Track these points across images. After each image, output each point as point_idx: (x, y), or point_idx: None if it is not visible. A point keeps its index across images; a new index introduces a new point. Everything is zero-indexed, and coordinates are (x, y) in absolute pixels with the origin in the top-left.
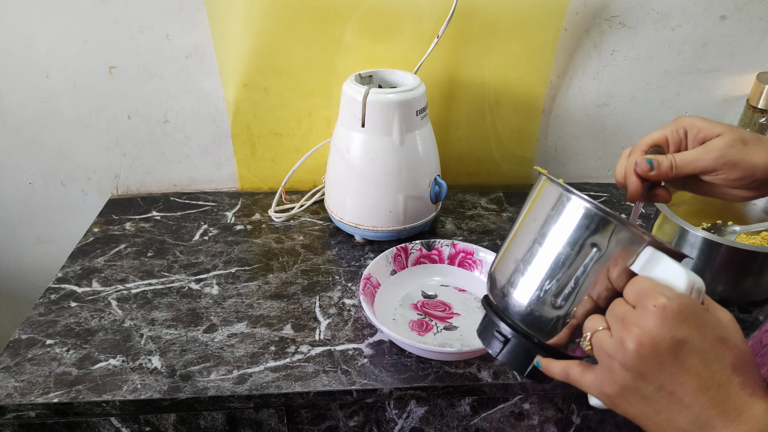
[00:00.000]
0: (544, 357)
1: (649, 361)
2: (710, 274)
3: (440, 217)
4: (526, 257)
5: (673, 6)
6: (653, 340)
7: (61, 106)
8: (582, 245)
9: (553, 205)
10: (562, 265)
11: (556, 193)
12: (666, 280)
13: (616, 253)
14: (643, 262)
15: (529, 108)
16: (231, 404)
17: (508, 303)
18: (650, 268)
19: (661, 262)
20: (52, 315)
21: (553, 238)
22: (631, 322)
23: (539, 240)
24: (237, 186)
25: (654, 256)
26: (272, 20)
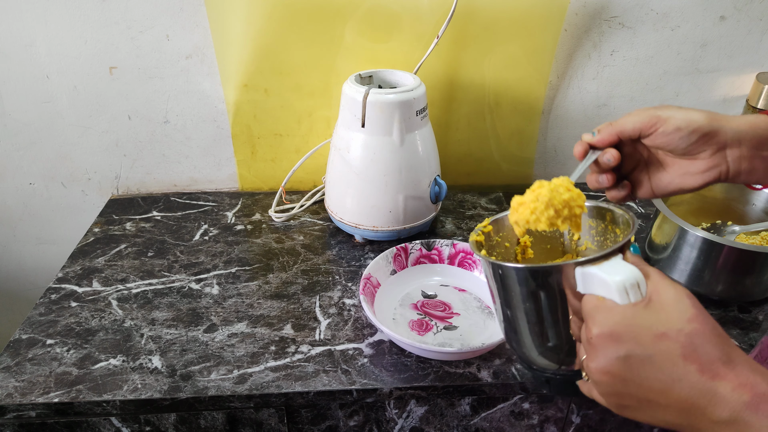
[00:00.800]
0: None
1: (615, 384)
2: (710, 274)
3: (440, 217)
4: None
5: (672, 6)
6: (605, 369)
7: (61, 107)
8: (536, 296)
9: (494, 277)
10: (534, 315)
11: (491, 267)
12: (602, 293)
13: (562, 288)
14: (581, 285)
15: (529, 109)
16: (231, 404)
17: (527, 357)
18: (589, 287)
19: (592, 277)
20: (52, 315)
21: (512, 299)
22: (586, 357)
23: (507, 306)
24: (237, 186)
25: (584, 275)
26: (272, 21)
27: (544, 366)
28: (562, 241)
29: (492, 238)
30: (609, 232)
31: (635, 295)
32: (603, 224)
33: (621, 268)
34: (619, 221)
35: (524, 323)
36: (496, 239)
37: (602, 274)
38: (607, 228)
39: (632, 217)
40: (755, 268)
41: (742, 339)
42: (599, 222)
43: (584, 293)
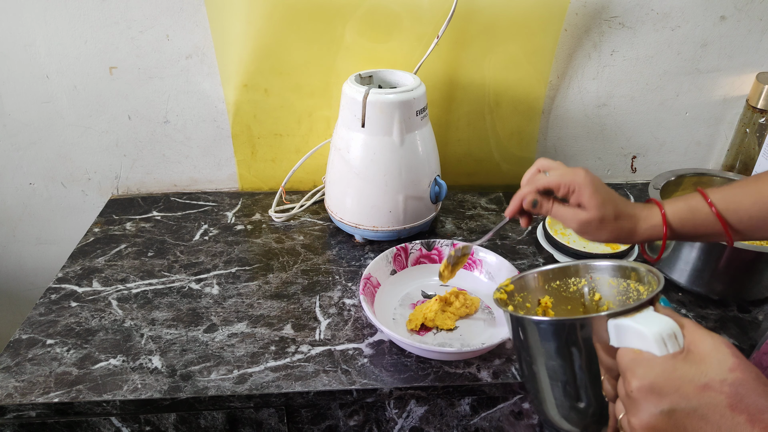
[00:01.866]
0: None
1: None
2: (710, 274)
3: (440, 217)
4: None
5: (672, 6)
6: (648, 423)
7: (61, 107)
8: (566, 352)
9: (521, 333)
10: (564, 374)
11: (517, 323)
12: (639, 345)
13: (592, 343)
14: (614, 338)
15: (529, 109)
16: (231, 404)
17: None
18: (623, 340)
19: (627, 329)
20: (52, 315)
21: (538, 356)
22: (627, 413)
23: (534, 364)
24: (237, 186)
25: (618, 327)
26: (272, 21)
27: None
28: (583, 302)
29: (514, 298)
30: (632, 290)
31: (673, 346)
32: (625, 283)
33: (656, 319)
34: (644, 279)
35: (550, 382)
36: (518, 298)
37: (637, 325)
38: (629, 287)
39: (658, 273)
40: (755, 268)
41: (742, 339)
42: (621, 281)
43: (618, 347)
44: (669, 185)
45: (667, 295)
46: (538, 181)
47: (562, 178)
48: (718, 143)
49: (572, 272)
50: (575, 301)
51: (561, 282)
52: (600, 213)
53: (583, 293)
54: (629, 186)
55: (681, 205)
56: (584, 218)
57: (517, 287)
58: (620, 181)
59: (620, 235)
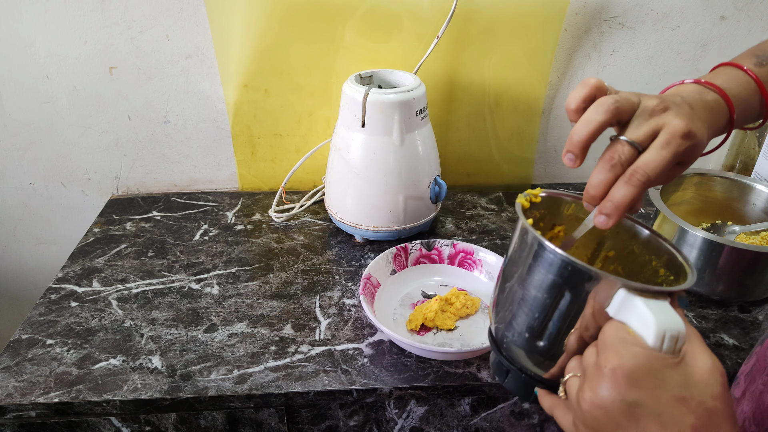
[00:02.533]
0: (542, 388)
1: (602, 423)
2: (710, 274)
3: (440, 217)
4: (510, 298)
5: (672, 6)
6: (603, 403)
7: (61, 107)
8: (557, 292)
9: (527, 251)
10: (541, 309)
11: (530, 239)
12: (637, 326)
13: (591, 297)
14: (617, 307)
15: (529, 109)
16: (231, 404)
17: (503, 339)
18: (623, 313)
19: (634, 306)
20: (52, 315)
21: (531, 283)
22: (587, 380)
23: (519, 283)
24: (237, 186)
25: (626, 300)
26: (272, 21)
27: (518, 359)
28: (593, 249)
29: (532, 212)
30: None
31: (669, 347)
32: (647, 257)
33: (668, 313)
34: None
35: (527, 311)
36: (536, 213)
37: (647, 309)
38: (650, 262)
39: (693, 269)
40: (755, 268)
41: (742, 339)
42: (645, 253)
43: (612, 317)
44: (669, 185)
45: None
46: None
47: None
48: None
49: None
50: (586, 244)
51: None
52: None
53: (601, 242)
54: None
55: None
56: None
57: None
58: None
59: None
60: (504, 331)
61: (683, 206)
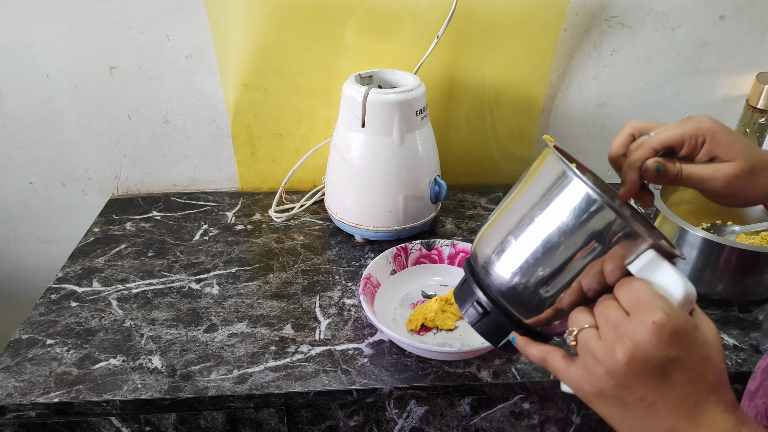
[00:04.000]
0: (520, 334)
1: (637, 375)
2: (710, 274)
3: (440, 217)
4: (516, 231)
5: (672, 6)
6: (646, 356)
7: (61, 107)
8: (579, 234)
9: (552, 183)
10: (554, 249)
11: (557, 170)
12: (662, 287)
13: (614, 248)
14: (642, 265)
15: (529, 108)
16: (231, 404)
17: (491, 274)
18: (648, 273)
19: (661, 268)
20: (52, 315)
21: (549, 218)
22: (625, 333)
23: (533, 216)
24: (237, 186)
25: (654, 261)
26: (273, 21)
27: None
28: None
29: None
30: None
31: (688, 310)
32: None
33: (686, 280)
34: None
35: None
36: None
37: (674, 271)
38: None
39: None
40: (755, 268)
41: (742, 339)
42: None
43: (634, 274)
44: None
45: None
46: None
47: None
48: None
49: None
50: None
51: None
52: (749, 161)
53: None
54: None
55: None
56: (732, 171)
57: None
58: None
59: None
60: (493, 262)
61: (683, 206)
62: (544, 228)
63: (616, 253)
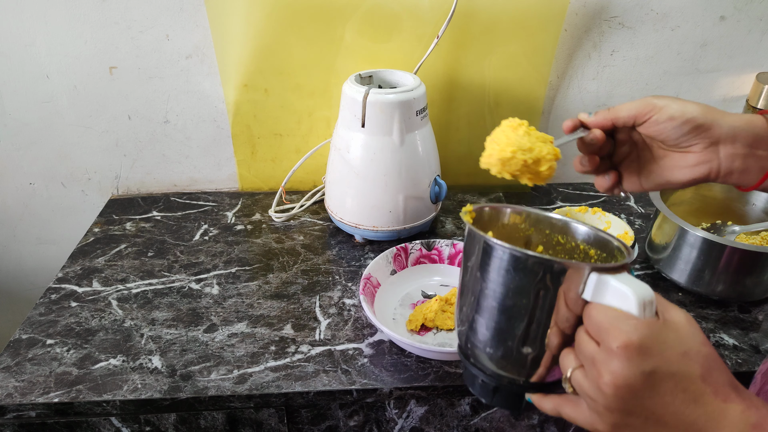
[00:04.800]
0: (533, 393)
1: (629, 400)
2: (710, 274)
3: (440, 217)
4: (477, 308)
5: (672, 6)
6: (627, 381)
7: (61, 107)
8: (524, 290)
9: (483, 255)
10: (513, 311)
11: (481, 243)
12: (617, 304)
13: (560, 288)
14: (591, 291)
15: (529, 109)
16: (231, 404)
17: (479, 354)
18: (600, 295)
19: (608, 285)
20: (52, 315)
21: (493, 287)
22: (601, 366)
23: (483, 290)
24: (237, 186)
25: (599, 282)
26: (272, 21)
27: (501, 373)
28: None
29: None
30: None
31: (650, 313)
32: (573, 243)
33: (637, 283)
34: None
35: (500, 321)
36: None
37: (622, 285)
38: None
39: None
40: (755, 268)
41: (742, 339)
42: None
43: (590, 300)
44: None
45: (667, 295)
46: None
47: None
48: None
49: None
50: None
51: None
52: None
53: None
54: None
55: None
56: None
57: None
58: None
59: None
60: (481, 349)
61: (683, 206)
62: (494, 297)
63: (566, 290)
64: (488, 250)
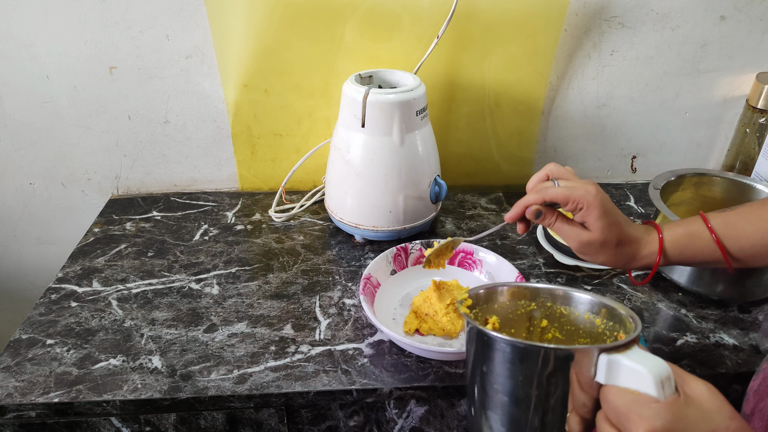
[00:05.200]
0: None
1: None
2: (710, 274)
3: (440, 217)
4: (490, 404)
5: (672, 7)
6: None
7: (61, 107)
8: (535, 381)
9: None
10: (528, 403)
11: (481, 336)
12: (634, 385)
13: (572, 374)
14: (604, 374)
15: (529, 109)
16: (231, 404)
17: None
18: (614, 377)
19: (620, 366)
20: (52, 315)
21: (505, 381)
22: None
23: (492, 384)
24: (237, 186)
25: (610, 364)
26: (272, 21)
27: None
28: (528, 327)
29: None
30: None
31: (670, 390)
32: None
33: (650, 359)
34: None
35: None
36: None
37: (635, 364)
38: (582, 317)
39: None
40: (755, 269)
41: (742, 339)
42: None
43: (605, 383)
44: (669, 185)
45: (667, 295)
46: (545, 191)
47: (572, 193)
48: (718, 143)
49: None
50: (520, 324)
51: (510, 303)
52: (603, 236)
53: (531, 317)
54: (629, 186)
55: (680, 231)
56: (586, 239)
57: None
58: (620, 181)
59: (619, 260)
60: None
61: (683, 206)
62: (504, 391)
63: (578, 374)
64: (489, 342)
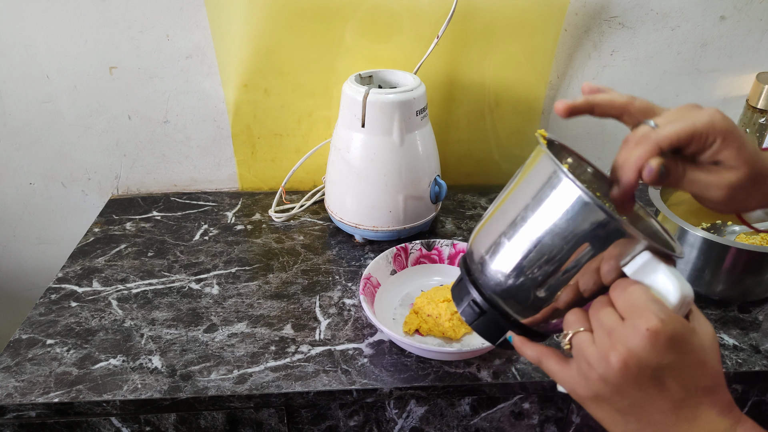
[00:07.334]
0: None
1: (630, 381)
2: (710, 274)
3: (440, 217)
4: (509, 232)
5: (672, 6)
6: (640, 363)
7: (61, 107)
8: (571, 237)
9: (543, 183)
10: (547, 251)
11: (548, 170)
12: (658, 291)
13: (608, 250)
14: (637, 267)
15: (529, 109)
16: (231, 404)
17: (486, 274)
18: (644, 275)
19: (657, 270)
20: (52, 315)
21: (541, 220)
22: (619, 340)
23: (525, 217)
24: (237, 186)
25: (649, 263)
26: (273, 21)
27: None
28: None
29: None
30: None
31: (683, 313)
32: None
33: (682, 279)
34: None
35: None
36: None
37: (670, 274)
38: None
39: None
40: (755, 268)
41: (742, 339)
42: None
43: (629, 276)
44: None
45: None
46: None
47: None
48: None
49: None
50: None
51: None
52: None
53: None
54: None
55: None
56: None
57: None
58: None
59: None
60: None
61: (683, 206)
62: (536, 230)
63: (611, 254)
64: (554, 181)
